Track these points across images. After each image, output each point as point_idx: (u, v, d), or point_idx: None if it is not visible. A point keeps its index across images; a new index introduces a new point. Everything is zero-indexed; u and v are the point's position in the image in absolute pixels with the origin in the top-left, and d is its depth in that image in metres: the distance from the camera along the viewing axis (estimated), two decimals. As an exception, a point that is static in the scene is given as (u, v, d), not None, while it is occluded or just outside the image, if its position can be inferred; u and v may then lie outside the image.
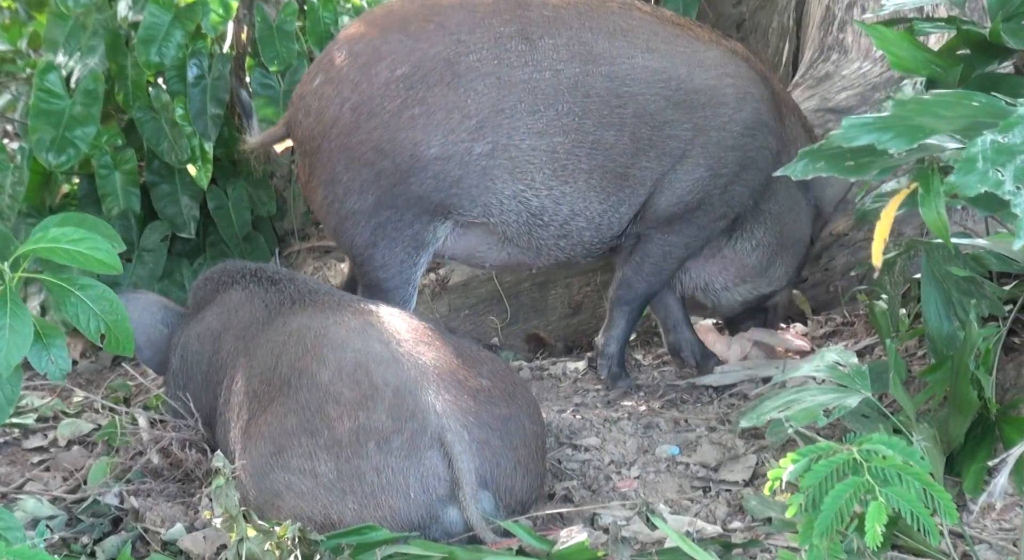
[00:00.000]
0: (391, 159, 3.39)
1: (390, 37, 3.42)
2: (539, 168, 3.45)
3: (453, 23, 3.43)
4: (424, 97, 3.37)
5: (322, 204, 3.52)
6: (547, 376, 3.99)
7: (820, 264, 4.14)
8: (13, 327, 2.57)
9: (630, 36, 3.50)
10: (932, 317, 2.95)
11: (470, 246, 3.62)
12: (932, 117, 2.37)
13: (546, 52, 3.42)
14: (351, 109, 3.40)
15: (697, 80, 3.52)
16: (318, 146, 3.45)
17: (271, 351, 3.07)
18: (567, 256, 3.67)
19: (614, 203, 3.55)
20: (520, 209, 3.50)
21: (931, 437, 2.72)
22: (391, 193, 3.42)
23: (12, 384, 2.70)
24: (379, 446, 2.74)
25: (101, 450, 3.46)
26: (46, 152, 4.33)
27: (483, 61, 3.40)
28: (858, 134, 2.38)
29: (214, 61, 4.63)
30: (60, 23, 4.63)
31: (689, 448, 3.28)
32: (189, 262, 4.81)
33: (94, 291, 2.72)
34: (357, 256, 3.54)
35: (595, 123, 3.45)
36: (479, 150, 3.40)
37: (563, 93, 3.42)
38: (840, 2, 4.50)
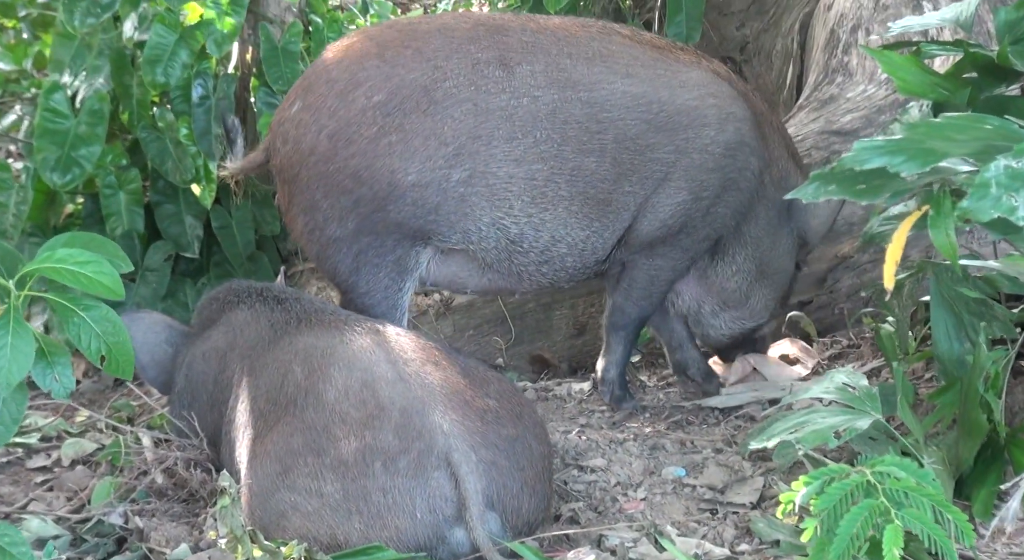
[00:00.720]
0: (369, 186, 3.37)
1: (367, 63, 3.41)
2: (517, 195, 3.44)
3: (430, 49, 3.41)
4: (401, 124, 3.36)
5: (303, 232, 3.51)
6: (552, 397, 3.99)
7: (825, 286, 4.14)
8: (15, 345, 2.57)
9: (609, 61, 3.49)
10: (941, 339, 2.95)
11: (451, 272, 3.61)
12: (944, 140, 2.37)
13: (523, 78, 3.41)
14: (328, 136, 3.38)
15: (679, 101, 3.51)
16: (296, 174, 3.44)
17: (277, 370, 3.06)
18: (550, 281, 3.66)
19: (597, 229, 3.55)
20: (499, 236, 3.49)
21: (940, 460, 2.71)
22: (370, 220, 3.41)
23: (17, 403, 2.69)
24: (385, 466, 2.73)
25: (105, 470, 3.45)
26: (51, 171, 4.33)
27: (460, 87, 3.38)
28: (869, 156, 2.38)
29: (219, 81, 4.64)
30: (66, 43, 4.65)
31: (696, 470, 3.27)
32: (193, 282, 4.80)
33: (97, 312, 2.72)
34: (341, 283, 3.53)
35: (574, 150, 3.43)
36: (456, 177, 3.39)
37: (541, 120, 3.40)
38: (844, 25, 4.52)
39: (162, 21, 4.38)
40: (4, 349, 2.58)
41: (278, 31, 4.67)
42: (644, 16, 5.59)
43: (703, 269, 3.82)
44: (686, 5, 4.90)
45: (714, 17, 5.37)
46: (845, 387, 2.78)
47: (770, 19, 5.22)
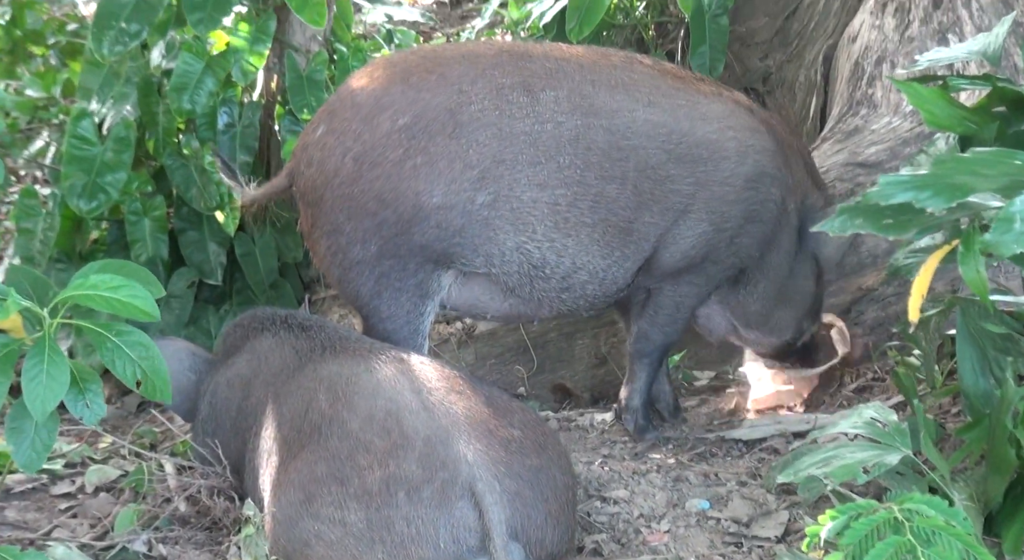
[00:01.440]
0: (393, 209, 3.39)
1: (392, 88, 3.43)
2: (540, 220, 3.45)
3: (455, 74, 3.44)
4: (426, 147, 3.37)
5: (325, 255, 3.52)
6: (574, 427, 3.97)
7: (849, 318, 4.13)
8: (50, 373, 2.59)
9: (631, 90, 3.50)
10: (968, 374, 2.93)
11: (472, 296, 3.61)
12: (971, 175, 2.37)
13: (547, 104, 3.42)
14: (353, 159, 3.40)
15: (699, 134, 3.52)
16: (320, 196, 3.46)
17: (301, 398, 3.06)
18: (569, 308, 3.66)
19: (618, 258, 3.55)
20: (522, 260, 3.49)
21: (969, 497, 2.69)
22: (394, 243, 3.42)
23: (48, 430, 2.71)
24: (409, 496, 2.72)
25: (129, 497, 3.44)
26: (77, 198, 4.37)
27: (485, 112, 3.40)
28: (895, 191, 2.38)
29: (244, 109, 4.68)
30: (94, 71, 4.69)
31: (720, 502, 3.25)
32: (215, 309, 4.82)
33: (131, 337, 2.74)
34: (363, 307, 3.54)
35: (597, 176, 3.44)
36: (481, 200, 3.40)
37: (564, 145, 3.42)
38: (869, 57, 4.52)
39: (189, 49, 4.43)
40: (40, 376, 2.60)
41: (303, 60, 4.71)
42: (667, 47, 5.61)
43: (724, 295, 3.82)
44: (709, 36, 4.92)
45: (737, 48, 5.38)
46: (873, 422, 2.76)
47: (793, 51, 5.23)
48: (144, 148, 4.72)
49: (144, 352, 2.72)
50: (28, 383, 2.58)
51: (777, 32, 5.34)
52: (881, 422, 2.76)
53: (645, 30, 5.65)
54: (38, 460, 2.63)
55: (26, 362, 2.60)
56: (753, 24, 5.42)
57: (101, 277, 2.69)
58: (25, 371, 2.58)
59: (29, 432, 2.68)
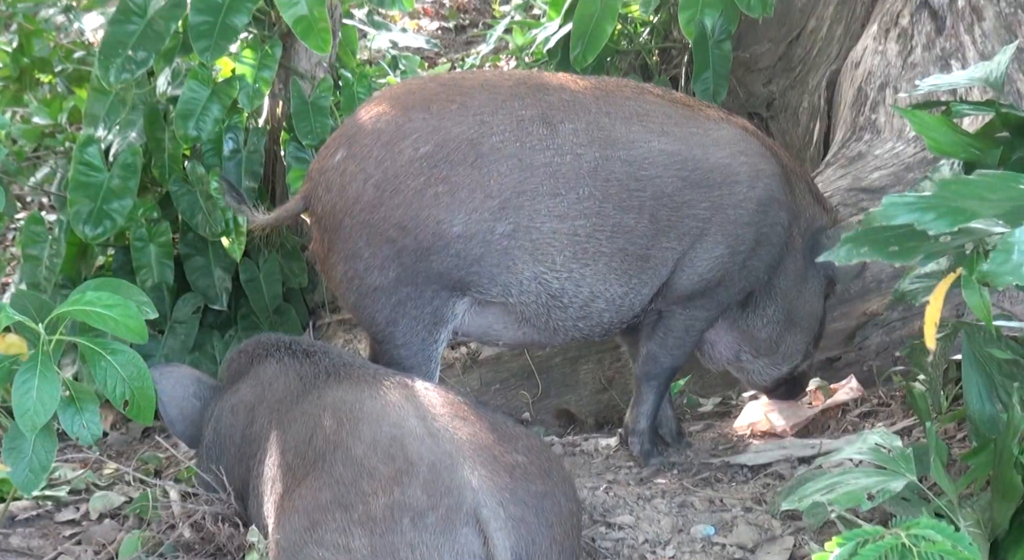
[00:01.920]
0: (413, 236, 3.40)
1: (413, 115, 3.45)
2: (560, 251, 3.47)
3: (476, 104, 3.46)
4: (448, 176, 3.39)
5: (342, 280, 3.52)
6: (579, 452, 3.97)
7: (854, 343, 4.13)
8: (41, 388, 2.59)
9: (645, 120, 3.54)
10: (973, 399, 2.92)
11: (486, 324, 3.62)
12: (975, 199, 2.36)
13: (567, 136, 3.45)
14: (374, 186, 3.41)
15: (712, 159, 3.56)
16: (340, 222, 3.46)
17: (306, 424, 3.06)
18: (584, 336, 3.68)
19: (635, 285, 3.57)
20: (540, 291, 3.51)
21: (975, 522, 2.68)
22: (412, 270, 3.43)
23: (46, 451, 2.71)
24: (414, 522, 2.71)
25: (133, 523, 3.44)
26: (83, 224, 4.38)
27: (506, 143, 3.42)
28: (898, 213, 2.37)
29: (249, 135, 4.70)
30: (100, 98, 4.71)
31: (725, 528, 3.24)
32: (220, 334, 4.82)
33: (124, 357, 2.75)
34: (378, 333, 3.54)
35: (615, 207, 3.47)
36: (501, 230, 3.41)
37: (584, 177, 3.44)
38: (872, 82, 4.54)
39: (195, 76, 4.45)
40: (31, 392, 2.60)
41: (308, 86, 4.73)
42: (671, 72, 5.63)
43: (734, 320, 3.84)
44: (713, 62, 4.94)
45: (741, 73, 5.41)
46: (878, 447, 2.76)
47: (797, 76, 5.25)
48: (150, 174, 4.73)
49: (135, 372, 2.73)
50: (19, 398, 2.59)
51: (780, 58, 5.37)
52: (886, 448, 2.75)
53: (649, 56, 5.68)
54: (35, 481, 2.63)
55: (18, 377, 2.61)
56: (756, 50, 5.45)
57: (98, 294, 2.70)
58: (16, 386, 2.59)
59: (26, 453, 2.68)
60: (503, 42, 6.77)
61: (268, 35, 4.63)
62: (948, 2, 4.49)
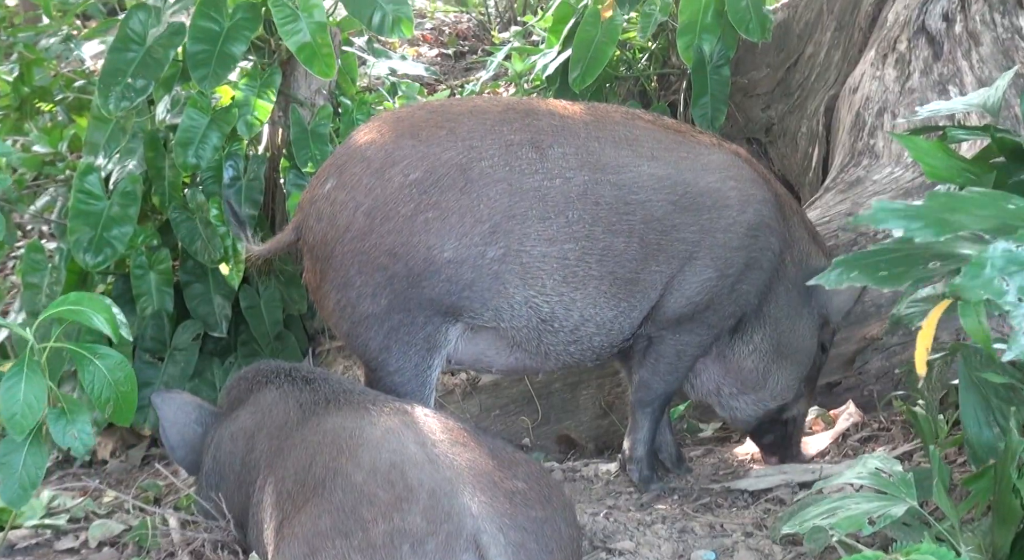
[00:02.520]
0: (404, 262, 3.40)
1: (402, 142, 3.46)
2: (550, 274, 3.47)
3: (464, 130, 3.47)
4: (438, 201, 3.39)
5: (334, 309, 3.52)
6: (579, 478, 3.96)
7: (854, 368, 4.12)
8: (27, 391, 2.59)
9: (635, 145, 3.55)
10: (971, 424, 2.91)
11: (478, 350, 3.62)
12: (964, 214, 2.36)
13: (556, 160, 3.46)
14: (364, 214, 3.42)
15: (702, 183, 3.56)
16: (331, 251, 3.47)
17: (305, 451, 3.05)
18: (575, 360, 3.68)
19: (625, 308, 3.57)
20: (530, 314, 3.51)
21: (976, 547, 2.67)
22: (404, 296, 3.43)
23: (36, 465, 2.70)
24: (414, 548, 2.70)
25: (132, 551, 3.44)
26: (84, 252, 4.39)
27: (495, 167, 3.42)
28: (887, 218, 2.36)
29: (249, 162, 4.71)
30: (101, 126, 4.74)
31: (726, 554, 3.23)
32: (220, 361, 4.83)
33: (112, 361, 2.75)
34: (371, 361, 3.54)
35: (604, 230, 3.48)
36: (491, 254, 3.42)
37: (573, 201, 3.45)
38: (871, 108, 4.56)
39: (194, 104, 4.47)
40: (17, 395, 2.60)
41: (308, 113, 4.75)
42: (669, 98, 5.66)
43: (721, 348, 3.83)
44: (711, 87, 4.97)
45: (739, 99, 5.43)
46: (878, 472, 2.75)
47: (795, 101, 5.27)
48: (150, 202, 4.76)
49: (121, 376, 2.73)
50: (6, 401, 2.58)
51: (779, 83, 5.39)
52: (886, 472, 2.74)
53: (647, 82, 5.70)
54: (24, 496, 2.62)
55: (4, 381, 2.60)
56: (755, 75, 5.47)
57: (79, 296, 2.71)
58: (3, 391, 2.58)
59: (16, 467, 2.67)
60: (502, 69, 6.80)
61: (267, 63, 4.66)
62: (945, 28, 4.51)
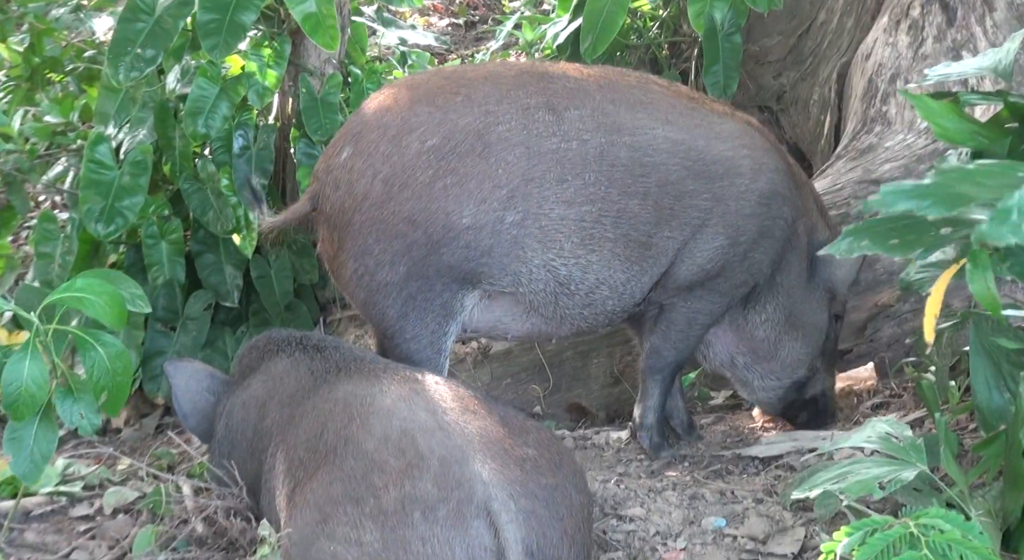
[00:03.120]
0: (423, 230, 3.40)
1: (418, 109, 3.45)
2: (567, 237, 3.47)
3: (480, 95, 3.47)
4: (456, 167, 3.39)
5: (352, 278, 3.52)
6: (590, 445, 3.97)
7: (865, 335, 4.12)
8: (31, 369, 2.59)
9: (650, 109, 3.55)
10: (981, 390, 2.91)
11: (494, 317, 3.63)
12: (973, 185, 2.34)
13: (572, 123, 3.46)
14: (383, 181, 3.41)
15: (715, 151, 3.56)
16: (349, 219, 3.46)
17: (317, 419, 3.07)
18: (589, 325, 3.68)
19: (636, 272, 3.57)
20: (548, 278, 3.51)
21: (987, 512, 2.67)
22: (422, 264, 3.43)
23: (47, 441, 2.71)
24: (425, 515, 2.72)
25: (146, 518, 3.46)
26: (95, 222, 4.40)
27: (512, 131, 3.42)
28: (896, 200, 2.35)
29: (259, 132, 4.70)
30: (111, 96, 4.73)
31: (736, 520, 3.24)
32: (232, 330, 4.84)
33: (113, 349, 2.75)
34: (388, 329, 3.54)
35: (620, 192, 3.48)
36: (510, 219, 3.42)
37: (590, 163, 3.45)
38: (883, 74, 4.53)
39: (204, 74, 4.46)
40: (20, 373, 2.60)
41: (318, 82, 4.74)
42: (680, 66, 5.63)
43: (734, 318, 3.84)
44: (723, 55, 4.93)
45: (751, 66, 5.40)
46: (888, 437, 2.75)
47: (807, 69, 5.24)
48: (161, 172, 4.76)
49: (120, 367, 2.73)
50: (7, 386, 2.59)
51: (791, 50, 5.36)
52: (896, 437, 2.74)
53: (658, 50, 5.67)
54: (36, 471, 2.63)
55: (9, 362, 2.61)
56: (766, 43, 5.44)
57: (88, 282, 2.71)
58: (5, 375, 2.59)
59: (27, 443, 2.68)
60: (513, 38, 6.77)
61: (277, 32, 4.64)
62: (959, -7, 4.47)
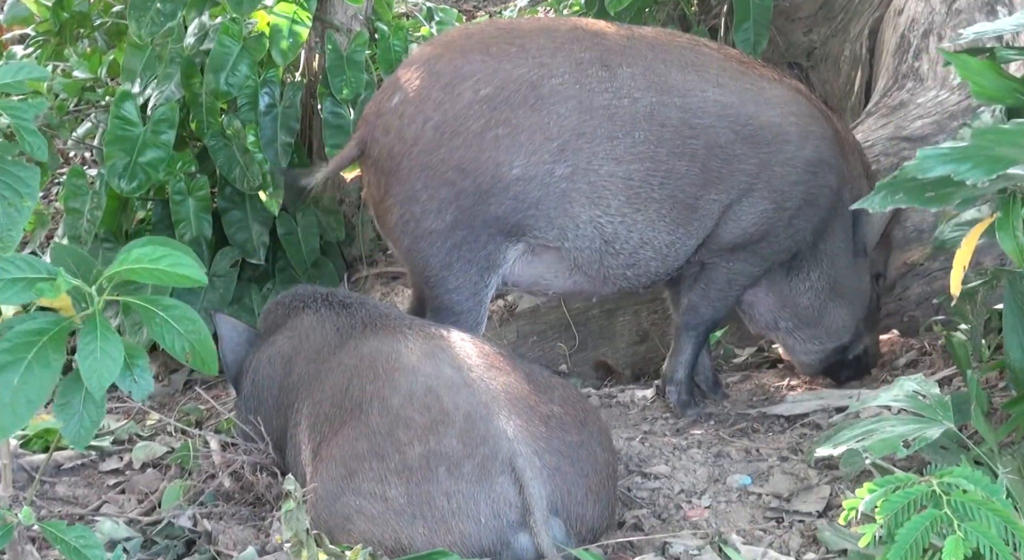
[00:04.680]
0: (472, 179, 3.40)
1: (472, 58, 3.44)
2: (615, 194, 3.46)
3: (535, 47, 3.45)
4: (508, 118, 3.39)
5: (397, 224, 3.52)
6: (616, 404, 3.97)
7: (895, 294, 4.09)
8: (104, 349, 2.59)
9: (701, 70, 3.53)
10: (1014, 348, 2.87)
11: (537, 273, 3.62)
12: (1012, 147, 2.32)
13: (624, 80, 3.44)
14: (434, 128, 3.41)
15: (763, 117, 3.55)
16: (397, 164, 3.45)
17: (342, 375, 3.08)
18: (631, 285, 3.67)
19: (681, 235, 3.57)
20: (594, 235, 3.50)
21: (1015, 470, 2.65)
22: (469, 213, 3.42)
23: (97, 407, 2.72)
24: (450, 471, 2.73)
25: (175, 473, 3.49)
26: (118, 178, 4.40)
27: (565, 85, 3.41)
28: (934, 165, 2.34)
29: (285, 89, 4.69)
30: (137, 53, 4.72)
31: (761, 478, 3.24)
32: (259, 287, 4.85)
33: (178, 311, 2.74)
34: (431, 277, 3.54)
35: (668, 152, 3.46)
36: (559, 172, 3.41)
37: (640, 121, 3.44)
38: (916, 30, 4.46)
39: (226, 31, 4.44)
40: (94, 353, 2.61)
41: (344, 39, 4.71)
42: (710, 22, 5.55)
43: (777, 283, 3.83)
44: (753, 11, 4.86)
45: (781, 23, 5.32)
46: (915, 395, 2.73)
47: (838, 24, 5.17)
48: (188, 129, 4.75)
49: (191, 326, 2.72)
50: (84, 360, 2.60)
51: (821, 6, 5.28)
52: (923, 395, 2.72)
53: (687, 5, 5.60)
54: (86, 436, 2.64)
55: (80, 340, 2.62)
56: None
57: (143, 251, 2.69)
58: (80, 348, 2.61)
59: (78, 408, 2.69)
60: (541, -6, 6.71)
61: (304, -13, 4.60)
62: (994, -55, 4.39)
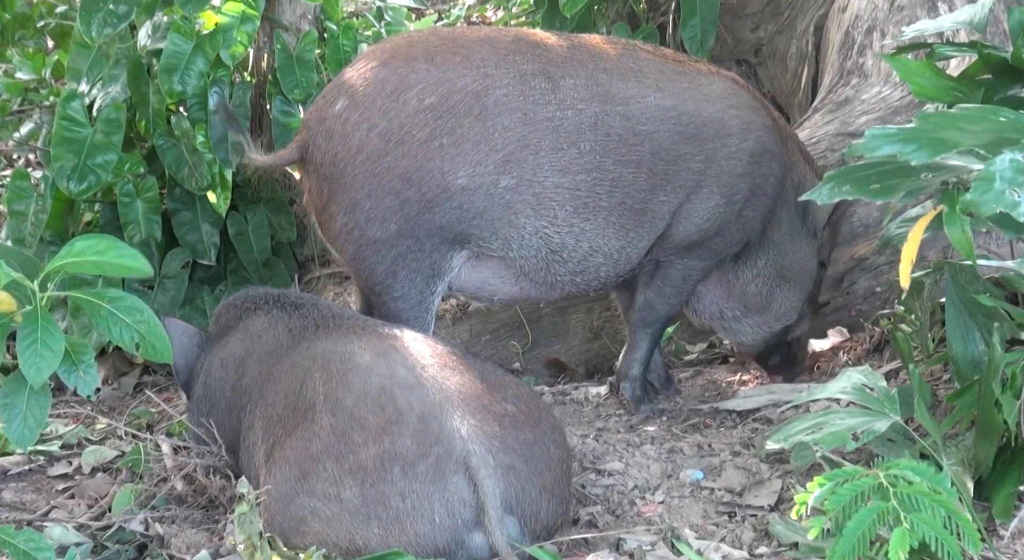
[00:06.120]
0: (417, 188, 3.39)
1: (417, 66, 3.43)
2: (561, 205, 3.48)
3: (479, 57, 3.45)
4: (453, 128, 3.38)
5: (341, 232, 3.50)
6: (569, 401, 3.99)
7: (841, 288, 4.14)
8: (44, 341, 2.58)
9: (640, 76, 3.56)
10: (956, 341, 2.93)
11: (482, 279, 3.63)
12: (956, 131, 2.36)
13: (567, 92, 3.46)
14: (379, 136, 3.39)
15: (704, 114, 3.58)
16: (341, 171, 3.44)
17: (295, 376, 3.07)
18: (580, 291, 3.70)
19: (632, 239, 3.60)
20: (540, 245, 3.52)
21: (960, 462, 2.70)
22: (414, 222, 3.42)
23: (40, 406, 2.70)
24: (404, 471, 2.73)
25: (125, 477, 3.46)
26: (67, 180, 4.35)
27: (510, 97, 3.42)
28: (880, 144, 2.38)
29: (235, 89, 4.66)
30: (83, 53, 4.67)
31: (713, 473, 3.27)
32: (210, 289, 4.83)
33: (124, 303, 2.73)
34: (376, 285, 3.53)
35: (615, 161, 3.49)
36: (504, 183, 3.42)
37: (585, 132, 3.46)
38: (859, 27, 4.51)
39: (178, 30, 4.40)
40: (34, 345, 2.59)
41: (293, 39, 4.69)
42: (658, 19, 5.59)
43: (725, 273, 3.87)
44: (700, 8, 4.91)
45: (728, 20, 5.37)
46: (863, 388, 2.77)
47: (784, 21, 5.22)
48: (135, 129, 4.71)
49: (139, 315, 2.71)
50: (23, 352, 2.58)
51: (768, 3, 5.33)
52: (870, 388, 2.77)
53: (636, 3, 5.63)
54: (31, 436, 2.62)
55: (20, 333, 2.60)
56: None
57: (88, 243, 2.67)
58: (20, 341, 2.59)
59: (21, 408, 2.67)
60: (489, -8, 6.71)
61: (251, -14, 4.57)
62: (936, -58, 4.45)
